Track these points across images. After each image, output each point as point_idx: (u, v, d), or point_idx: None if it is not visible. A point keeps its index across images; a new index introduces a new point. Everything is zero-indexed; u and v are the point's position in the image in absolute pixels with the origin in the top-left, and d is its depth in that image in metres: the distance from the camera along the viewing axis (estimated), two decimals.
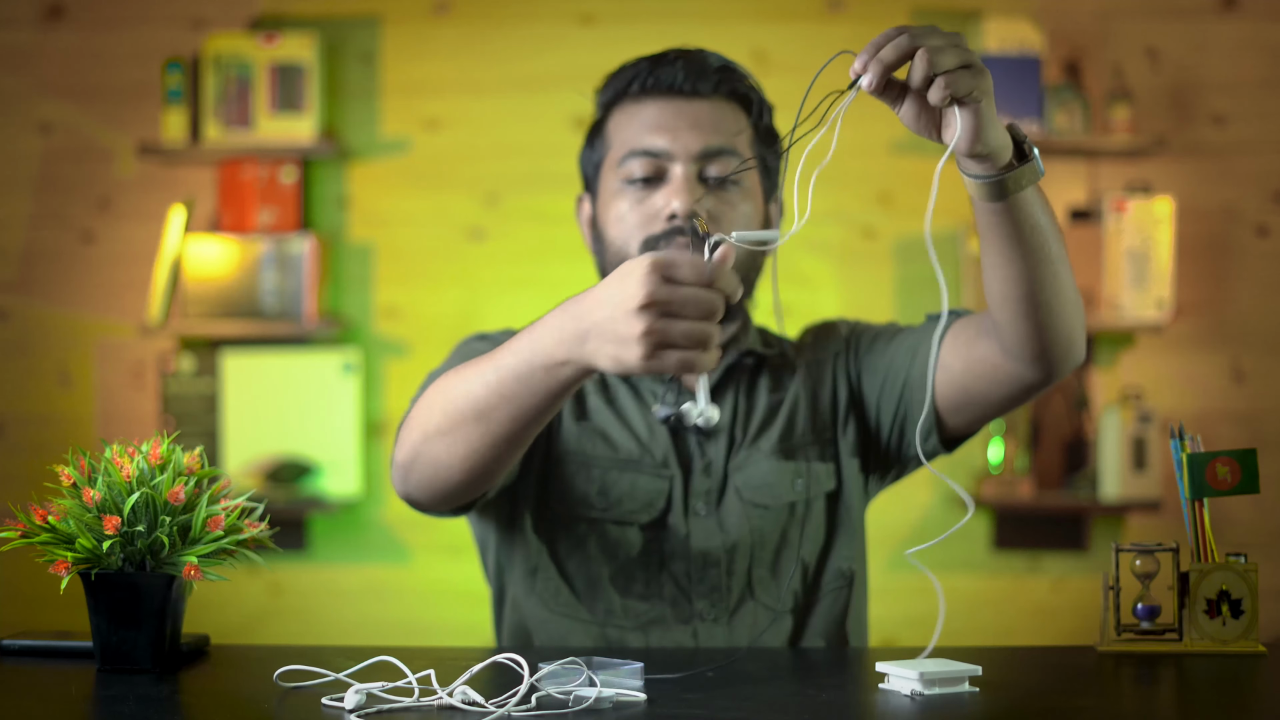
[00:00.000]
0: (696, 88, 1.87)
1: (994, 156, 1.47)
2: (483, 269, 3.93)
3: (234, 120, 3.81)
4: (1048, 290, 1.60)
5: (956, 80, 1.39)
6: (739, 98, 1.89)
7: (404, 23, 3.94)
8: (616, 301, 1.36)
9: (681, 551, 1.84)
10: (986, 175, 1.49)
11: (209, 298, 3.82)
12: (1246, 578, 1.67)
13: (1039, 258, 1.57)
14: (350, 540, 3.93)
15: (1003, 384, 1.74)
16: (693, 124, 1.85)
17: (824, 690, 1.53)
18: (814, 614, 1.87)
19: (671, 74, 1.87)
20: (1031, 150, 1.50)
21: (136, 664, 1.56)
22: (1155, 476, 3.76)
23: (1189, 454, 1.68)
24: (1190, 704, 1.56)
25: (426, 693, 1.42)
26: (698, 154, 1.85)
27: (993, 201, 1.51)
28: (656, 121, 1.86)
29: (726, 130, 1.86)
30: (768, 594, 1.85)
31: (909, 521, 3.87)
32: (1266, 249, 3.92)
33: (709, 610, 1.84)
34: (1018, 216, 1.53)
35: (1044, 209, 1.55)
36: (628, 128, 1.89)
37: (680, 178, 1.84)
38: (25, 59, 3.94)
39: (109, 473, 1.55)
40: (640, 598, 1.84)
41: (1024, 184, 1.50)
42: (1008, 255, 1.57)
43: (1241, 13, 3.91)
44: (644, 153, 1.86)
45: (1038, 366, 1.69)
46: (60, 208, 3.94)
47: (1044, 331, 1.64)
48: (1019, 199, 1.51)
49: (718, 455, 1.89)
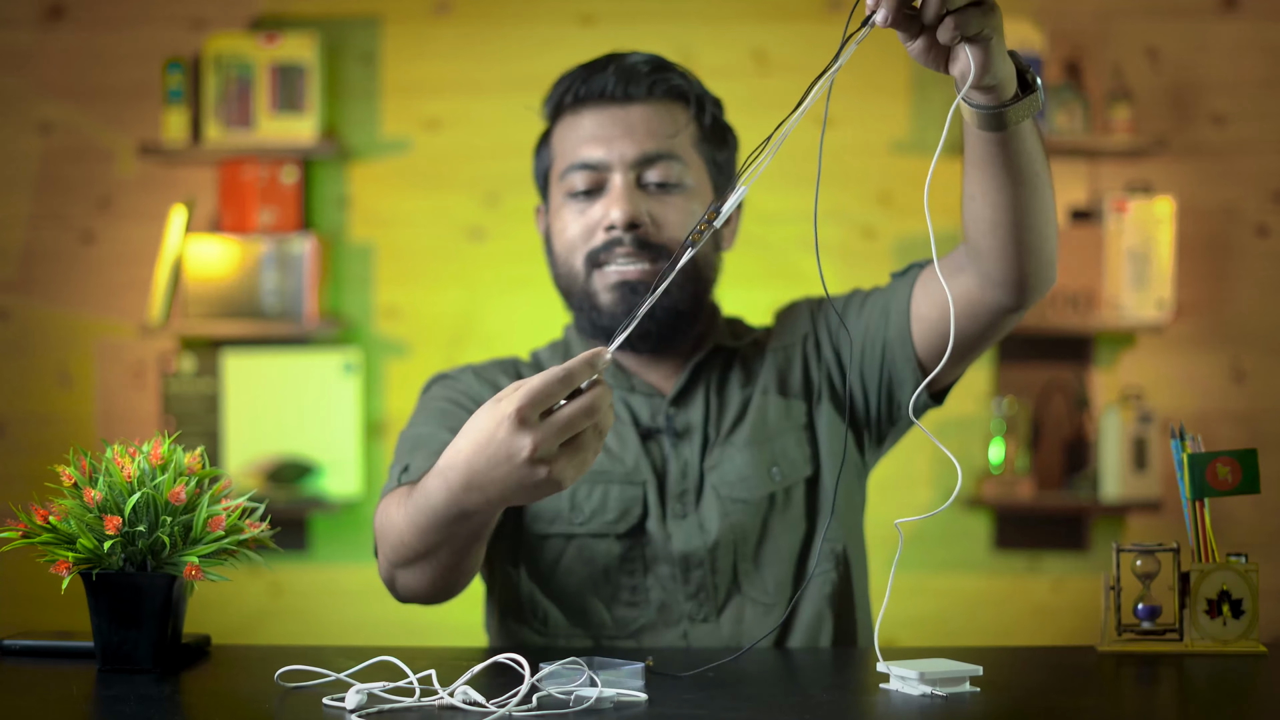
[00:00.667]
0: (629, 92, 1.86)
1: (999, 88, 1.47)
2: (483, 269, 3.93)
3: (234, 120, 3.81)
4: (1035, 215, 1.61)
5: (967, 19, 1.39)
6: (678, 96, 1.89)
7: (404, 23, 3.94)
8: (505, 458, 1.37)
9: (664, 556, 1.84)
10: (989, 106, 1.49)
11: (210, 298, 3.83)
12: (1247, 578, 1.67)
13: (1031, 185, 1.58)
14: (351, 540, 3.93)
15: (980, 316, 1.74)
16: (627, 131, 1.86)
17: (824, 690, 1.53)
18: (803, 599, 1.86)
19: (603, 81, 1.87)
20: (1035, 80, 1.50)
21: (137, 664, 1.56)
22: (1156, 476, 3.76)
23: (1189, 454, 1.68)
24: (1191, 704, 1.56)
25: (427, 693, 1.42)
26: (634, 161, 1.85)
27: (992, 131, 1.51)
28: (592, 132, 1.87)
29: (662, 133, 1.86)
30: (754, 587, 1.85)
31: (909, 522, 3.87)
32: (1267, 249, 3.92)
33: (697, 610, 1.83)
34: (1015, 145, 1.53)
35: (1036, 138, 1.56)
36: (567, 139, 1.89)
37: (619, 187, 1.84)
38: (26, 59, 3.94)
39: (110, 473, 1.55)
40: (628, 605, 1.84)
41: (1025, 115, 1.50)
42: (1000, 182, 1.57)
43: (1241, 13, 3.91)
44: (582, 165, 1.86)
45: (1016, 291, 1.69)
46: (61, 208, 3.94)
47: (1028, 255, 1.65)
48: (1017, 129, 1.52)
49: (693, 456, 1.88)
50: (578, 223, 1.87)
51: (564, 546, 1.86)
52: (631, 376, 1.92)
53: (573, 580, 1.85)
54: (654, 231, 1.85)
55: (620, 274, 1.84)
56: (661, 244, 1.85)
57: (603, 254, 1.85)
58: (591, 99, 1.88)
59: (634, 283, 1.84)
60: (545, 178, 1.95)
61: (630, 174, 1.85)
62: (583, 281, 1.87)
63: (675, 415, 1.90)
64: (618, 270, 1.84)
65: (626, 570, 1.84)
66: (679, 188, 1.86)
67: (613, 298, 1.85)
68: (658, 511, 1.85)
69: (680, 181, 1.86)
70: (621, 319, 1.84)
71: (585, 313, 1.89)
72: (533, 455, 1.36)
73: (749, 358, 1.95)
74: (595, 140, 1.86)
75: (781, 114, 1.41)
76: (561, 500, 1.85)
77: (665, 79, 1.88)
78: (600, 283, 1.86)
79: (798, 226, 3.77)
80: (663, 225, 1.85)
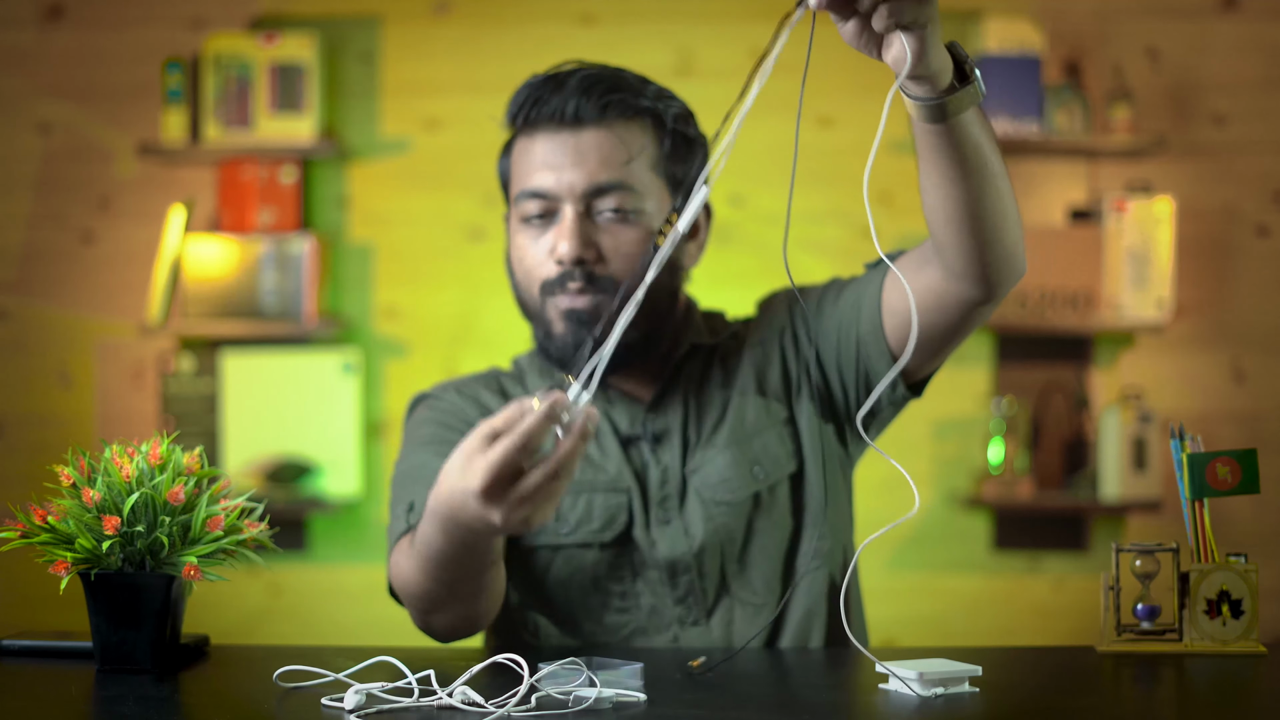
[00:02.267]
0: (579, 116, 1.82)
1: (934, 79, 1.45)
2: (482, 269, 3.92)
3: (234, 120, 3.81)
4: (990, 207, 1.59)
5: (901, 7, 1.38)
6: (634, 115, 1.84)
7: (404, 23, 3.94)
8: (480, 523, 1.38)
9: (651, 562, 1.83)
10: (927, 98, 1.48)
11: (209, 298, 3.82)
12: (1247, 578, 1.67)
13: (981, 176, 1.56)
14: (350, 540, 3.93)
15: (949, 309, 1.71)
16: (577, 160, 1.81)
17: (824, 690, 1.53)
18: (794, 597, 1.85)
19: (559, 103, 1.82)
20: (973, 71, 1.49)
21: (136, 664, 1.56)
22: (1155, 476, 3.76)
23: (1189, 454, 1.68)
24: (1190, 704, 1.56)
25: (426, 693, 1.42)
26: (584, 193, 1.81)
27: (933, 123, 1.50)
28: (543, 159, 1.83)
29: (615, 160, 1.82)
30: (743, 589, 1.84)
31: (909, 521, 3.87)
32: (1266, 249, 3.92)
33: (686, 614, 1.83)
34: (958, 137, 1.51)
35: (984, 128, 1.54)
36: (520, 163, 1.86)
37: (568, 220, 1.81)
38: (25, 59, 3.94)
39: (109, 473, 1.55)
40: (618, 612, 1.84)
41: (965, 106, 1.49)
42: (949, 175, 1.56)
43: (1242, 13, 3.91)
44: (533, 194, 1.83)
45: (981, 284, 1.66)
46: (60, 208, 3.94)
47: (987, 248, 1.62)
48: (960, 120, 1.50)
49: (673, 461, 1.87)
50: (532, 250, 1.85)
51: (551, 557, 1.85)
52: (608, 385, 1.90)
53: (561, 590, 1.85)
54: (602, 265, 1.82)
55: (570, 304, 1.82)
56: (610, 276, 1.82)
57: (556, 285, 1.83)
58: (542, 122, 1.83)
59: (582, 312, 1.82)
60: (506, 188, 1.92)
61: (580, 205, 1.82)
62: (538, 308, 1.86)
63: (653, 421, 1.89)
64: (568, 300, 1.82)
65: (615, 578, 1.84)
66: (634, 214, 1.82)
67: (564, 328, 1.83)
68: (642, 518, 1.84)
69: (635, 208, 1.82)
70: (571, 349, 1.83)
71: (539, 339, 1.88)
72: (504, 525, 1.36)
73: (728, 355, 1.93)
74: (545, 168, 1.82)
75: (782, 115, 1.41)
76: None
77: (619, 99, 1.83)
78: (553, 311, 1.84)
79: (797, 226, 3.77)
80: (612, 258, 1.82)
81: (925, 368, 1.83)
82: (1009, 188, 1.61)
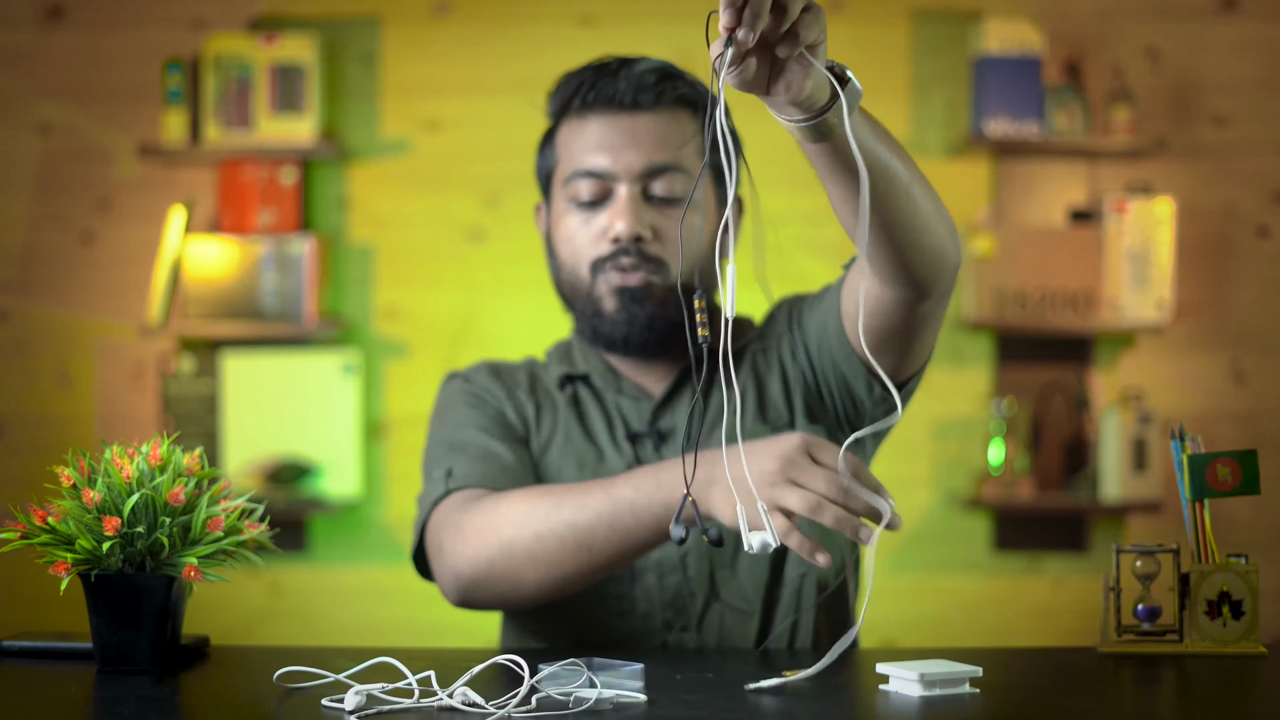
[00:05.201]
0: (637, 101, 1.85)
1: (813, 98, 1.34)
2: (483, 270, 3.93)
3: (234, 121, 3.82)
4: (899, 213, 1.51)
5: (806, 26, 1.28)
6: (687, 104, 1.88)
7: (404, 24, 3.94)
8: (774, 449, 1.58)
9: (646, 563, 1.83)
10: (805, 119, 1.37)
11: (209, 298, 3.83)
12: (1247, 579, 1.67)
13: (882, 185, 1.47)
14: (350, 541, 3.93)
15: (889, 312, 1.67)
16: (634, 141, 1.85)
17: (824, 690, 1.53)
18: (780, 605, 1.85)
19: (613, 87, 1.85)
20: (845, 74, 1.36)
21: (136, 665, 1.56)
22: (1156, 477, 3.76)
23: (1189, 455, 1.68)
24: (1191, 705, 1.56)
25: (427, 694, 1.42)
26: (640, 173, 1.84)
27: (818, 142, 1.40)
28: (599, 140, 1.86)
29: (671, 144, 1.85)
30: (733, 594, 1.83)
31: (908, 522, 3.87)
32: (1267, 250, 3.92)
33: (676, 619, 1.83)
34: (845, 147, 1.39)
35: (874, 133, 1.44)
36: (573, 144, 1.88)
37: (624, 199, 1.84)
38: (25, 60, 3.94)
39: (109, 474, 1.55)
40: (614, 614, 1.84)
41: (850, 111, 1.37)
42: (849, 189, 1.45)
43: (1241, 13, 3.91)
44: (588, 174, 1.86)
45: (911, 286, 1.62)
46: (60, 208, 3.94)
47: (907, 252, 1.57)
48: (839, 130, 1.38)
49: None
50: (583, 231, 1.87)
51: None
52: (622, 379, 1.92)
53: None
54: (656, 244, 1.85)
55: (622, 280, 1.85)
56: (663, 256, 1.86)
57: (608, 262, 1.85)
58: (600, 105, 1.86)
59: (635, 290, 1.85)
60: (548, 178, 1.94)
61: (636, 185, 1.85)
62: (587, 288, 1.88)
63: (660, 418, 1.90)
64: (620, 277, 1.85)
65: (614, 579, 1.84)
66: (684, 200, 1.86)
67: (614, 304, 1.86)
68: None
69: (687, 191, 1.86)
70: (622, 326, 1.86)
71: (587, 319, 1.89)
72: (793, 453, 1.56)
73: (739, 359, 1.95)
74: (601, 149, 1.85)
75: None
76: None
77: (674, 87, 1.87)
78: (604, 288, 1.86)
79: (799, 227, 3.77)
80: (665, 238, 1.85)
81: (902, 368, 1.78)
82: (921, 185, 1.53)
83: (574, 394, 1.93)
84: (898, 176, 1.49)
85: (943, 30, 3.84)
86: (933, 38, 3.83)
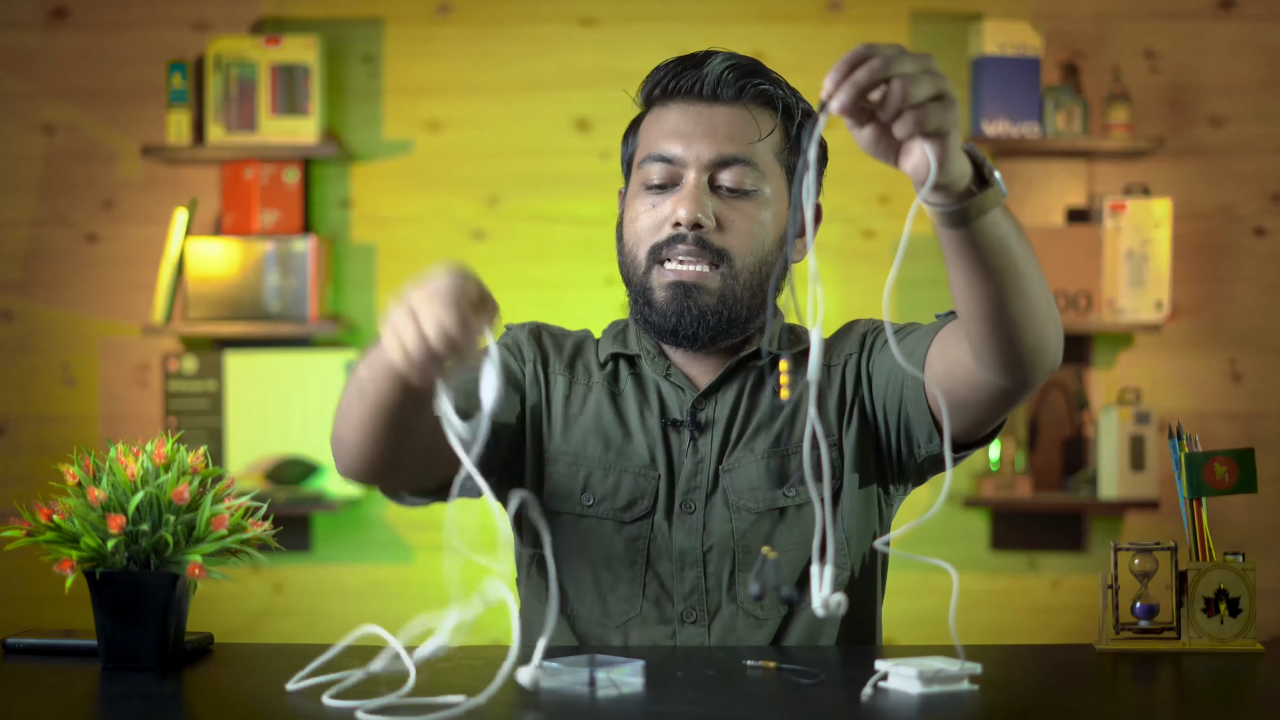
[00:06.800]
0: (718, 93, 1.87)
1: (953, 184, 1.43)
2: (484, 269, 3.88)
3: (237, 122, 3.82)
4: (1015, 306, 1.57)
5: (927, 114, 1.36)
6: (767, 102, 1.88)
7: (406, 24, 3.95)
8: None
9: (666, 551, 1.84)
10: (947, 205, 1.46)
11: (212, 298, 3.84)
12: (1244, 577, 1.68)
13: (1005, 277, 1.53)
14: (353, 539, 3.94)
15: (977, 389, 1.69)
16: (708, 131, 1.86)
17: (823, 687, 1.54)
18: (795, 621, 1.85)
19: (694, 78, 1.87)
20: (992, 174, 1.47)
21: (140, 662, 1.57)
22: (1153, 476, 3.77)
23: (1187, 453, 1.69)
24: (1188, 702, 1.57)
25: None
26: (709, 162, 1.85)
27: (955, 229, 1.48)
28: (674, 127, 1.87)
29: (743, 138, 1.86)
30: (750, 599, 1.82)
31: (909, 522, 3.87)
32: (1264, 250, 3.93)
33: (689, 613, 1.83)
34: (981, 240, 1.49)
35: (1009, 226, 1.51)
36: (651, 130, 1.90)
37: (690, 185, 1.85)
38: (29, 60, 3.95)
39: (114, 472, 1.56)
40: (624, 597, 1.84)
41: (986, 209, 1.46)
42: (973, 277, 1.54)
43: (1240, 14, 3.91)
44: (659, 158, 1.87)
45: (1008, 375, 1.65)
46: (64, 209, 3.95)
47: (1012, 344, 1.61)
48: (981, 223, 1.48)
49: (710, 454, 1.87)
50: (648, 215, 1.88)
51: (574, 526, 1.87)
52: (670, 365, 1.92)
53: (574, 562, 1.86)
54: (718, 234, 1.85)
55: (676, 274, 1.85)
56: (723, 247, 1.85)
57: (665, 249, 1.85)
58: (680, 95, 1.88)
59: (689, 284, 1.84)
60: (629, 164, 1.95)
61: (704, 174, 1.85)
62: (642, 274, 1.88)
63: (701, 409, 1.90)
64: (674, 269, 1.85)
65: (628, 560, 1.84)
66: (753, 194, 1.86)
67: (666, 295, 1.85)
68: (665, 506, 1.86)
69: (755, 188, 1.86)
70: (672, 318, 1.85)
71: (639, 305, 1.89)
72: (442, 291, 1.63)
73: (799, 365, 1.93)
74: (676, 135, 1.87)
75: None
76: (575, 481, 1.87)
77: (755, 84, 1.88)
78: (658, 279, 1.86)
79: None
80: (728, 229, 1.85)
81: (962, 433, 1.80)
82: (1040, 283, 1.58)
83: (614, 372, 1.94)
84: (1019, 270, 1.54)
85: (941, 31, 3.84)
86: (931, 38, 3.84)
